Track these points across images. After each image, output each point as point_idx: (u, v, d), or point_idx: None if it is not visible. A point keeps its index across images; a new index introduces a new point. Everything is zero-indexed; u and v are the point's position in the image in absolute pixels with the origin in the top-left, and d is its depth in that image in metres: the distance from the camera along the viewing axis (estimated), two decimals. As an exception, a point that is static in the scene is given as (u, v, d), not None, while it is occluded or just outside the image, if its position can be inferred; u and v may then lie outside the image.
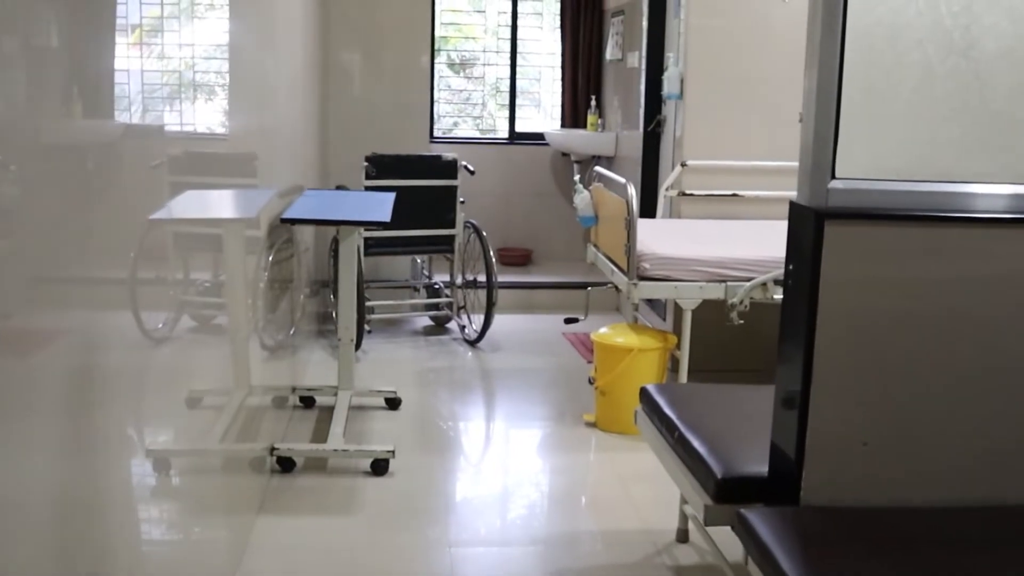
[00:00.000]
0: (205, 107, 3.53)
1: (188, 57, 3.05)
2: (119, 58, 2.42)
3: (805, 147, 2.46)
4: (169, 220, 2.94)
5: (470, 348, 6.15)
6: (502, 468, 4.61)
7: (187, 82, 3.08)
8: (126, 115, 2.53)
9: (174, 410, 3.05)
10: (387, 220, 4.00)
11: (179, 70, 2.99)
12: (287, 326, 5.06)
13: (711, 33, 5.56)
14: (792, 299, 2.57)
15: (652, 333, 4.83)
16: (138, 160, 2.64)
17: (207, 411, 3.50)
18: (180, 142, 3.07)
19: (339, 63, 6.77)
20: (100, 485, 2.30)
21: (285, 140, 5.02)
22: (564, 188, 8.28)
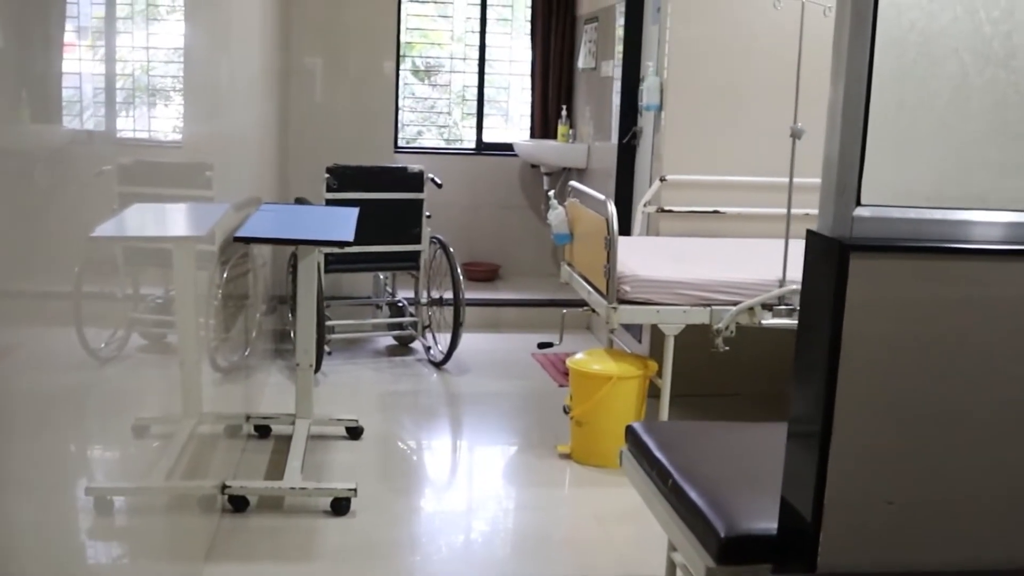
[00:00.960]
0: (156, 113, 3.25)
1: (140, 60, 2.86)
2: (68, 60, 2.24)
3: (828, 169, 2.17)
4: (113, 238, 2.63)
5: (435, 370, 5.84)
6: (471, 506, 4.29)
7: (139, 86, 2.88)
8: (72, 120, 2.32)
9: (118, 440, 2.75)
10: (350, 240, 3.68)
11: (130, 73, 2.79)
12: (242, 346, 4.73)
13: (693, 41, 5.30)
14: (810, 337, 2.29)
15: (631, 359, 4.55)
16: (85, 168, 2.41)
17: (154, 441, 3.18)
18: (130, 150, 2.83)
19: (301, 68, 6.45)
20: (26, 526, 1.98)
21: (242, 149, 4.71)
22: (533, 201, 7.99)
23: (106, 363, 2.60)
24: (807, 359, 2.30)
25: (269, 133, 5.60)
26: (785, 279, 4.33)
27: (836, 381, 2.18)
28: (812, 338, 2.27)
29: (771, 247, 4.99)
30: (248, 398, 4.81)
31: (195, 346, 3.69)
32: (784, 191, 5.31)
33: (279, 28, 5.92)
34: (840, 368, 2.17)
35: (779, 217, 5.36)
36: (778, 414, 5.22)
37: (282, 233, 3.95)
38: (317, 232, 3.98)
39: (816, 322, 2.25)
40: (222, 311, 4.31)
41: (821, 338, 2.20)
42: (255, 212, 4.31)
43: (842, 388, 2.18)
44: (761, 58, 5.32)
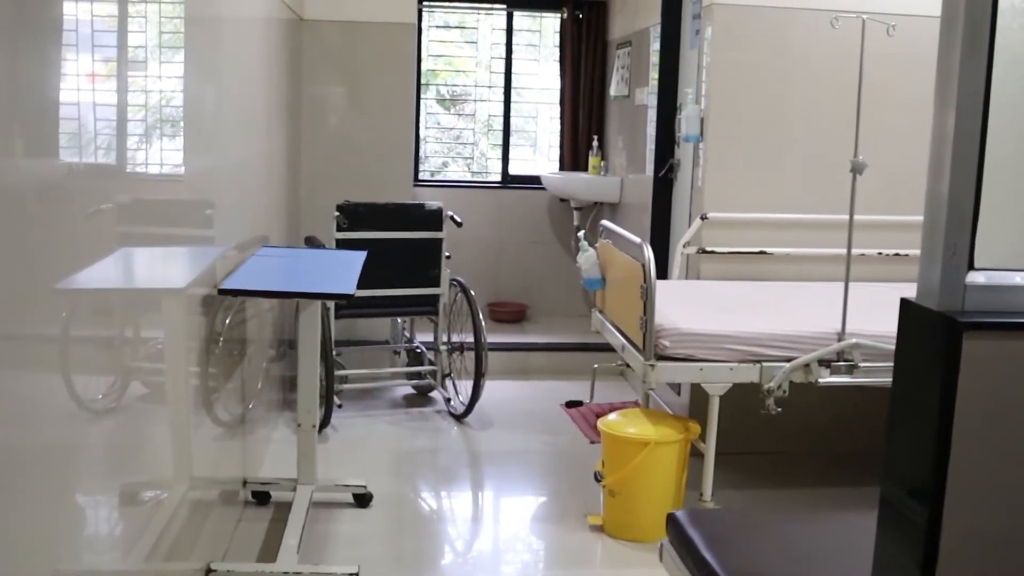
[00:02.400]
0: (153, 146, 2.90)
1: (137, 91, 2.68)
2: (66, 91, 2.14)
3: (932, 222, 1.69)
4: (84, 289, 2.25)
5: (456, 423, 5.37)
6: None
7: (137, 118, 2.68)
8: (71, 153, 2.19)
9: (89, 513, 2.39)
10: (351, 293, 3.23)
11: (129, 104, 2.60)
12: (245, 398, 4.30)
13: (736, 67, 4.83)
14: (910, 425, 1.80)
15: (670, 421, 4.06)
16: (81, 205, 2.24)
17: (134, 513, 2.76)
18: (129, 186, 2.64)
19: (313, 99, 6.04)
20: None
21: (246, 185, 4.33)
22: (562, 237, 7.53)
23: (82, 419, 2.28)
24: (906, 449, 1.82)
25: (277, 167, 5.18)
26: (844, 331, 3.83)
27: (945, 480, 1.70)
28: (914, 426, 1.78)
29: (825, 292, 4.51)
30: (247, 458, 4.37)
31: (186, 403, 3.29)
32: (836, 229, 4.85)
33: (289, 56, 5.51)
34: (951, 465, 1.70)
35: (830, 258, 4.89)
36: (831, 475, 4.74)
37: (276, 283, 3.50)
38: (316, 281, 3.53)
39: (917, 410, 1.77)
40: (224, 360, 3.91)
41: (925, 429, 1.72)
42: (250, 257, 3.87)
43: (953, 490, 1.70)
44: (811, 84, 4.85)
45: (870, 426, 4.93)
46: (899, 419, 1.83)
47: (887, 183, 4.81)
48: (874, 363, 3.88)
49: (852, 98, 4.89)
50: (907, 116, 4.91)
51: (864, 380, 3.90)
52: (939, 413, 1.67)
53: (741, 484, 4.54)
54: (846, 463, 4.87)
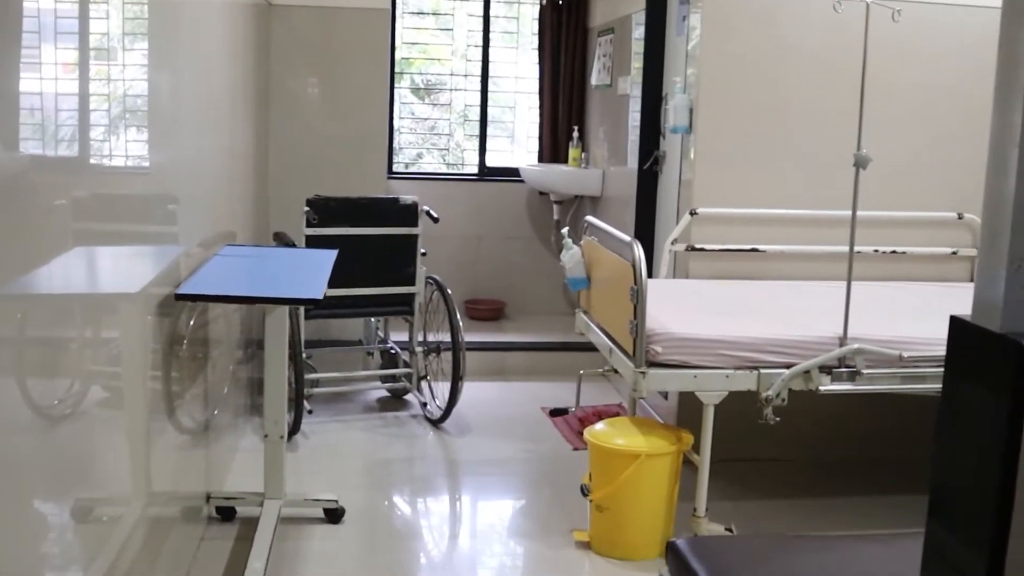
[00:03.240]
0: (112, 138, 2.69)
1: (101, 79, 2.53)
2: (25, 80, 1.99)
3: (993, 232, 1.45)
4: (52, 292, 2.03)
5: (432, 428, 5.12)
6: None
7: (97, 108, 2.51)
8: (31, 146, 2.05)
9: (38, 532, 2.16)
10: (318, 297, 2.97)
11: (90, 94, 2.45)
12: (210, 404, 4.05)
13: (727, 55, 4.59)
14: (963, 470, 1.57)
15: (661, 431, 3.82)
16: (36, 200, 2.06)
17: (85, 534, 2.50)
18: (87, 180, 2.46)
19: (283, 89, 5.75)
20: None
21: (211, 178, 4.08)
22: (541, 231, 7.28)
23: (32, 429, 2.10)
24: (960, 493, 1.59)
25: (244, 160, 4.91)
26: (846, 336, 3.61)
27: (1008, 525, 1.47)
28: (970, 468, 1.55)
29: (822, 293, 4.30)
30: (212, 470, 4.10)
31: (146, 411, 3.04)
32: (831, 226, 4.63)
33: (256, 44, 5.23)
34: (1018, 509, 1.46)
35: (825, 256, 4.67)
36: (827, 484, 4.52)
37: (240, 286, 3.23)
38: (283, 284, 3.27)
39: (974, 448, 1.53)
40: (188, 363, 3.65)
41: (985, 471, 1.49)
42: (212, 257, 3.61)
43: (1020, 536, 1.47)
44: (806, 74, 4.62)
45: (866, 432, 4.73)
46: (949, 458, 1.59)
47: (884, 178, 4.60)
48: (878, 369, 3.66)
49: (850, 88, 4.66)
50: (906, 107, 4.69)
51: (867, 388, 3.68)
52: (1003, 455, 1.43)
53: (735, 495, 4.31)
54: (842, 471, 4.66)
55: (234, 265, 3.50)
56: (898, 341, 3.69)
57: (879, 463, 4.74)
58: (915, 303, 4.33)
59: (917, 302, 4.35)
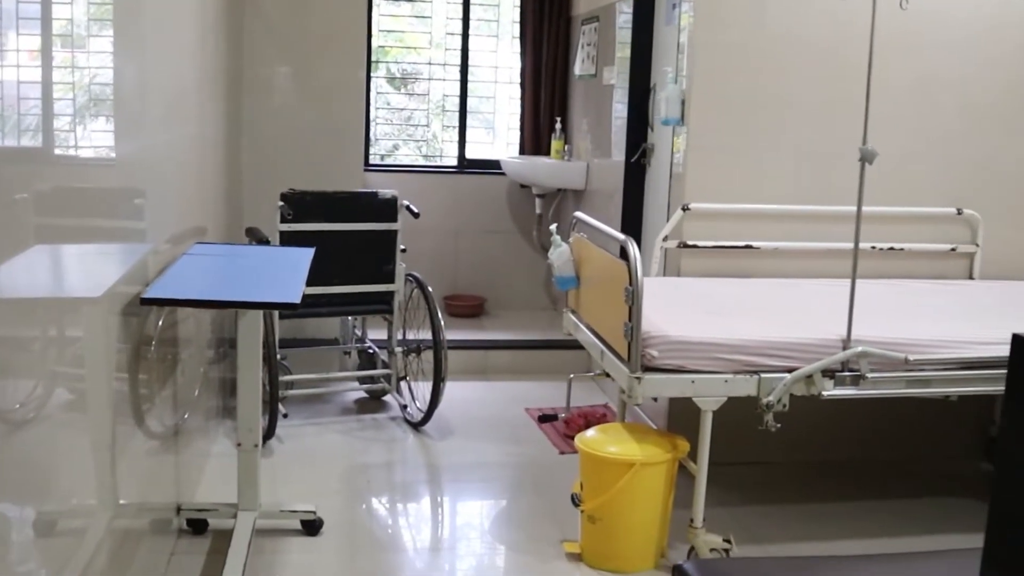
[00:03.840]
0: (72, 128, 2.49)
1: (64, 66, 2.37)
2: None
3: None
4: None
5: (412, 431, 4.93)
6: (458, 627, 3.39)
7: (58, 96, 2.33)
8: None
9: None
10: (295, 301, 2.77)
11: (53, 82, 2.30)
12: (180, 408, 3.85)
13: (721, 44, 4.41)
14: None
15: (655, 437, 3.64)
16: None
17: (48, 549, 2.32)
18: (48, 172, 2.29)
19: (256, 78, 5.53)
20: None
21: (181, 171, 3.88)
22: (522, 225, 7.09)
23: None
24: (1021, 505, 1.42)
25: (215, 152, 4.70)
26: (850, 338, 3.45)
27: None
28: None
29: (820, 291, 4.14)
30: (183, 479, 3.90)
31: (112, 416, 2.85)
32: (828, 222, 4.47)
33: (228, 31, 5.01)
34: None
35: (821, 253, 4.51)
36: (825, 488, 4.36)
37: (210, 289, 3.02)
38: (256, 286, 3.06)
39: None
40: (157, 365, 3.46)
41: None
42: (181, 257, 3.40)
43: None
44: (804, 64, 4.45)
45: (864, 433, 4.58)
46: (1012, 482, 1.42)
47: (880, 172, 4.44)
48: (882, 373, 3.50)
49: (848, 78, 4.50)
50: (903, 99, 4.53)
51: (872, 392, 3.52)
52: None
53: (730, 500, 4.15)
54: (843, 474, 4.51)
55: (205, 265, 3.29)
56: (902, 343, 3.53)
57: (881, 465, 4.60)
58: (916, 302, 4.17)
59: (918, 301, 4.19)
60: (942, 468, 4.65)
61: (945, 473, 4.60)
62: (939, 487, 4.45)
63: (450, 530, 4.08)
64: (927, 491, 4.39)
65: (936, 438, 4.69)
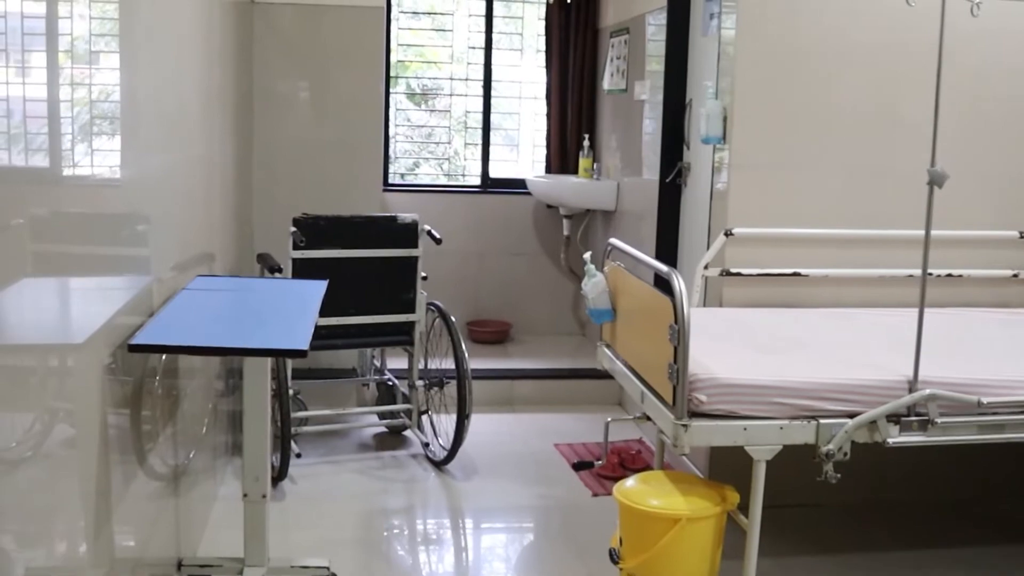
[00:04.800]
0: (74, 149, 2.28)
1: (67, 83, 2.20)
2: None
3: None
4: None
5: (435, 470, 4.61)
6: None
7: (60, 114, 2.16)
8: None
9: None
10: (303, 348, 2.46)
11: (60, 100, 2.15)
12: (186, 447, 3.58)
13: (766, 56, 4.09)
14: None
15: (702, 488, 3.31)
16: None
17: None
18: (47, 195, 2.12)
19: (267, 94, 5.25)
20: None
21: (187, 194, 3.61)
22: (549, 247, 6.78)
23: None
24: None
25: (223, 173, 4.41)
26: (917, 379, 3.11)
27: None
28: None
29: (876, 323, 3.83)
30: (184, 529, 3.60)
31: (110, 461, 2.60)
32: (884, 247, 4.15)
33: (238, 44, 4.73)
34: None
35: (875, 280, 4.18)
36: (879, 534, 4.00)
37: (207, 332, 2.69)
38: (261, 328, 2.74)
39: None
40: (162, 400, 3.18)
41: None
42: (181, 291, 3.10)
43: None
44: (856, 76, 4.13)
45: (923, 470, 4.21)
46: None
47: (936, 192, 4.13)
48: (952, 417, 3.17)
49: (905, 92, 4.20)
50: (960, 113, 4.19)
51: (941, 439, 3.19)
52: None
53: (780, 550, 3.81)
54: (898, 516, 4.17)
55: (204, 302, 2.99)
56: (973, 384, 3.20)
57: (944, 507, 4.25)
58: (981, 335, 3.84)
59: (983, 334, 3.86)
60: (1017, 510, 4.28)
61: (1019, 517, 4.25)
62: (1014, 533, 4.09)
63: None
64: (999, 537, 4.05)
65: (1007, 475, 4.32)
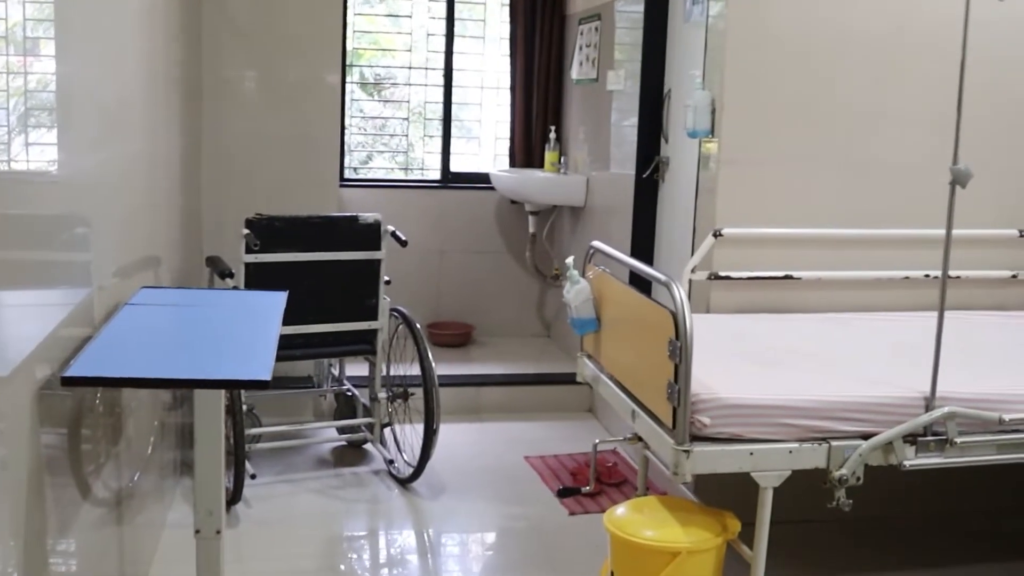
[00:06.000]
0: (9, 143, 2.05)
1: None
2: None
3: None
4: None
5: (400, 488, 4.29)
6: None
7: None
8: None
9: None
10: (264, 378, 2.13)
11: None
12: (130, 467, 3.25)
13: (760, 44, 3.81)
14: None
15: (700, 516, 3.03)
16: None
17: None
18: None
19: (217, 85, 4.88)
20: None
21: (130, 193, 3.26)
22: (513, 245, 6.47)
23: None
24: None
25: (169, 169, 4.06)
26: (935, 395, 2.86)
27: None
28: None
29: (879, 330, 3.59)
30: (131, 560, 3.27)
31: (36, 492, 2.27)
32: (882, 247, 3.90)
33: (183, 32, 4.37)
34: None
35: (871, 283, 3.94)
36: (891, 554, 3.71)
37: (153, 358, 2.35)
38: (213, 354, 2.40)
39: None
40: (102, 418, 2.85)
41: None
42: (123, 307, 2.75)
43: None
44: (857, 65, 3.88)
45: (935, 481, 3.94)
46: None
47: (928, 189, 3.89)
48: (972, 436, 2.92)
49: (908, 84, 3.95)
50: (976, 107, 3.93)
51: (960, 460, 2.94)
52: None
53: (782, 573, 3.54)
54: (911, 533, 3.91)
55: (150, 321, 2.64)
56: (992, 399, 2.96)
57: (958, 521, 4.01)
58: (988, 341, 3.60)
59: (989, 340, 3.62)
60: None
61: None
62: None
63: (450, 620, 3.46)
64: (1018, 553, 3.82)
65: (1015, 488, 4.08)
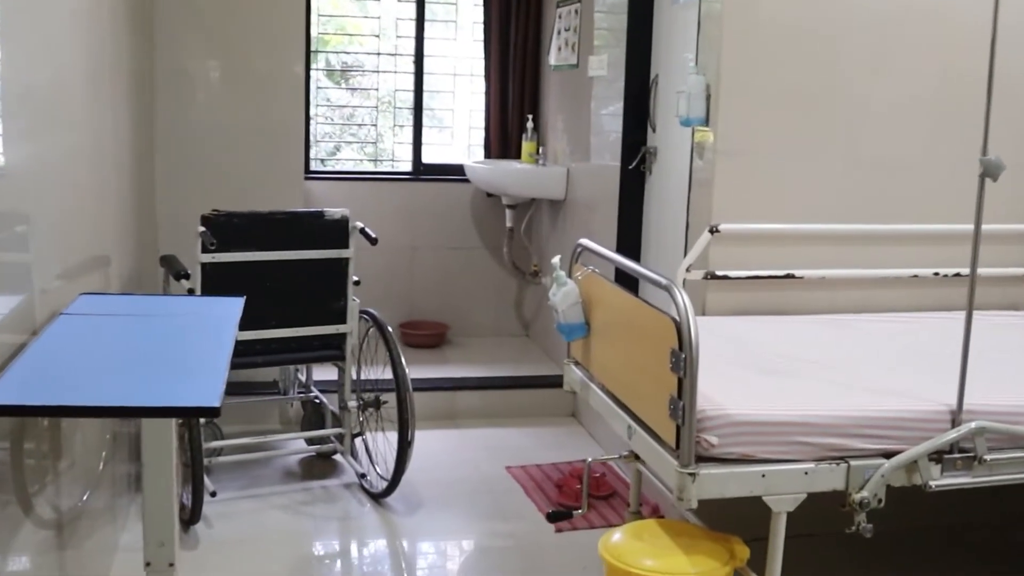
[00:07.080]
0: None
1: None
2: None
3: None
4: None
5: (373, 503, 4.00)
6: None
7: None
8: None
9: None
10: (214, 405, 1.84)
11: None
12: (80, 484, 2.98)
13: (760, 25, 3.54)
14: None
15: (705, 543, 2.75)
16: None
17: None
18: None
19: (171, 73, 4.56)
20: None
21: (76, 188, 3.00)
22: (489, 240, 6.17)
23: None
24: None
25: (120, 163, 3.75)
26: (962, 408, 2.60)
27: None
28: None
29: (889, 333, 3.34)
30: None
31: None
32: (891, 244, 3.65)
33: (136, 18, 4.05)
34: None
35: (876, 282, 3.68)
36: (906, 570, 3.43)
37: (90, 381, 2.04)
38: (158, 375, 2.10)
39: None
40: (49, 432, 2.59)
41: None
42: (58, 317, 2.44)
43: None
44: (863, 49, 3.61)
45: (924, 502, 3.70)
46: None
47: (933, 181, 3.66)
48: (1001, 454, 2.67)
49: (921, 67, 3.69)
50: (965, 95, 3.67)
51: (989, 479, 2.68)
52: None
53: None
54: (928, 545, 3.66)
55: (88, 334, 2.33)
56: (1018, 412, 2.70)
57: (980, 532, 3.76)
58: (1007, 346, 3.34)
59: (1008, 344, 3.37)
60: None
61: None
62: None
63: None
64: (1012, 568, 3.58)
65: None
